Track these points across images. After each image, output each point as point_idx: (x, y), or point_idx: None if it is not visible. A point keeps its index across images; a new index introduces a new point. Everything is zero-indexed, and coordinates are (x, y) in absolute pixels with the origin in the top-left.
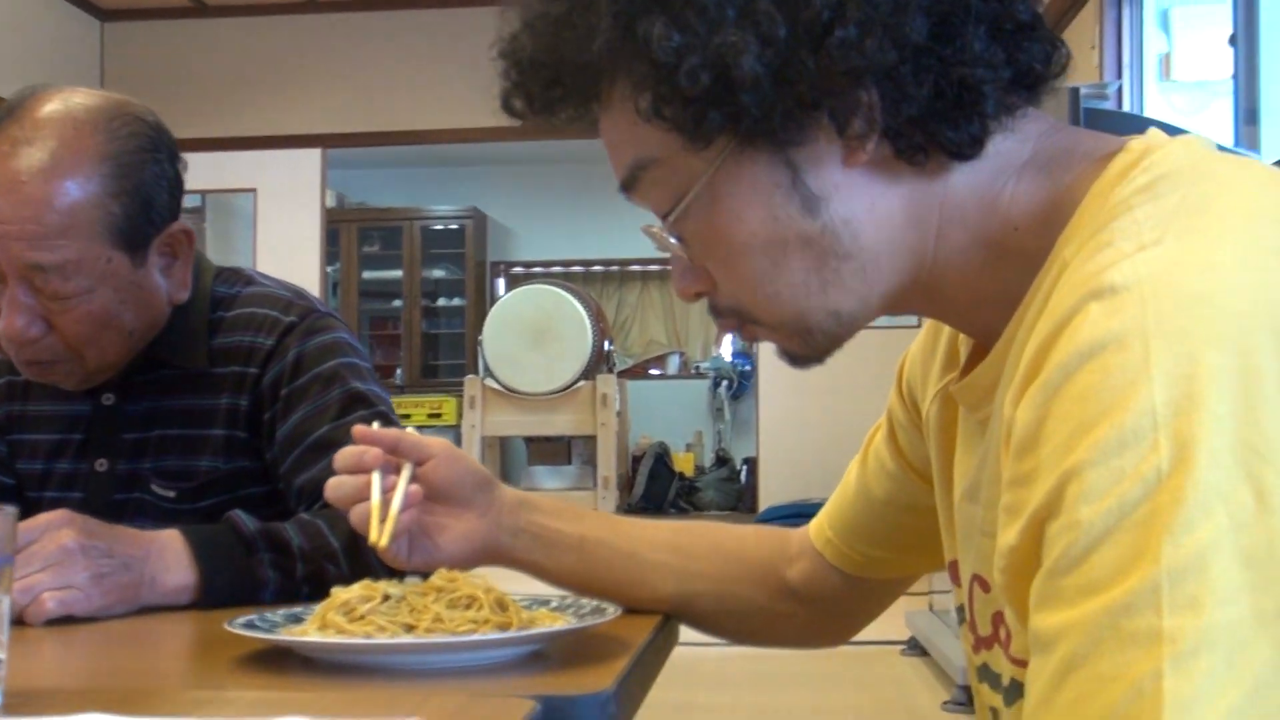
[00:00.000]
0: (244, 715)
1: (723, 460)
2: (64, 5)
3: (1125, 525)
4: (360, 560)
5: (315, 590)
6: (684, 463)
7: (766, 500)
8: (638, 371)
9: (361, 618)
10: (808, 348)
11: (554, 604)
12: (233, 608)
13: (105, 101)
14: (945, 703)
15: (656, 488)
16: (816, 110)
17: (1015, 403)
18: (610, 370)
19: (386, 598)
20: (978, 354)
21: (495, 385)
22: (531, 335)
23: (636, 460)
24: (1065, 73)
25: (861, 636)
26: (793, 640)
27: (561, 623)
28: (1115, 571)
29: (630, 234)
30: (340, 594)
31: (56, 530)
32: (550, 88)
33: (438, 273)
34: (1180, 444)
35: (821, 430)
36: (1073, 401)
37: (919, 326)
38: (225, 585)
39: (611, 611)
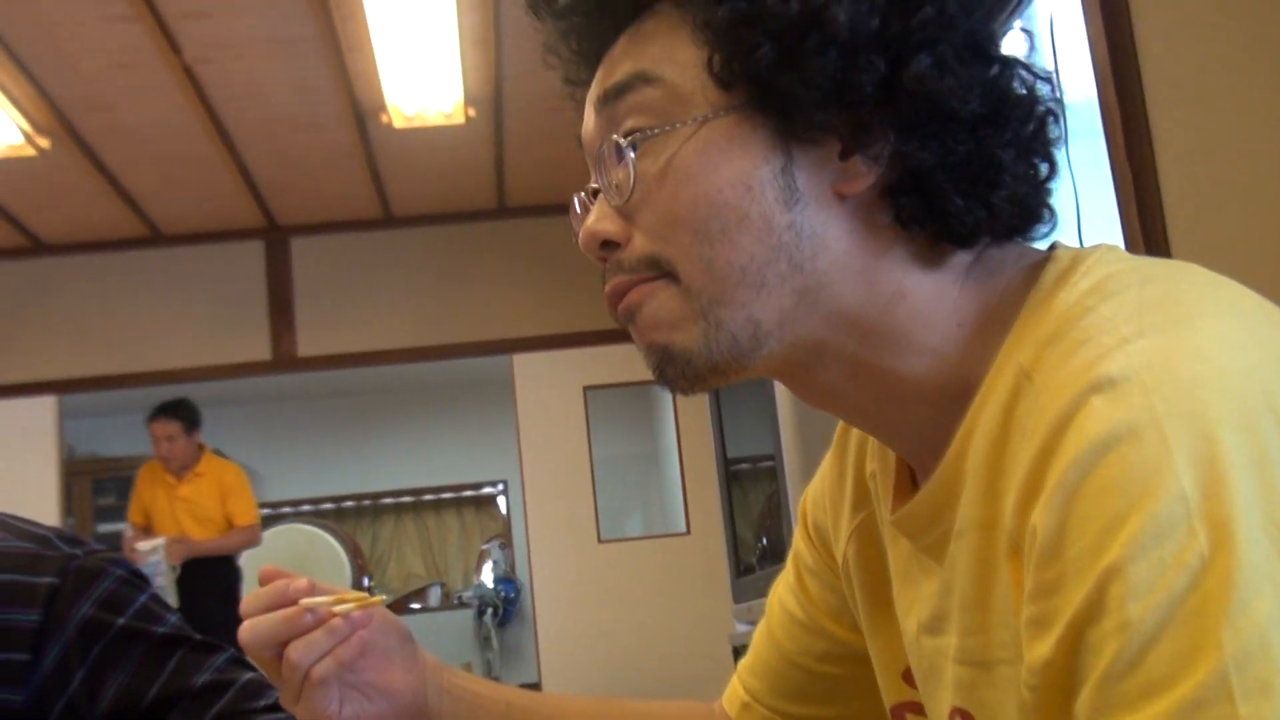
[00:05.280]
0: None
1: None
2: None
3: (1178, 618)
4: None
5: None
6: None
7: None
8: (398, 606)
9: None
10: (702, 354)
11: None
12: None
13: None
14: None
15: None
16: (838, 119)
17: (1020, 511)
18: None
19: None
20: (902, 478)
21: None
22: None
23: None
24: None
25: None
26: None
27: None
28: (1177, 667)
29: (383, 464)
30: None
31: None
32: None
33: None
34: (1216, 526)
35: (606, 644)
36: (1096, 498)
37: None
38: None
39: None
